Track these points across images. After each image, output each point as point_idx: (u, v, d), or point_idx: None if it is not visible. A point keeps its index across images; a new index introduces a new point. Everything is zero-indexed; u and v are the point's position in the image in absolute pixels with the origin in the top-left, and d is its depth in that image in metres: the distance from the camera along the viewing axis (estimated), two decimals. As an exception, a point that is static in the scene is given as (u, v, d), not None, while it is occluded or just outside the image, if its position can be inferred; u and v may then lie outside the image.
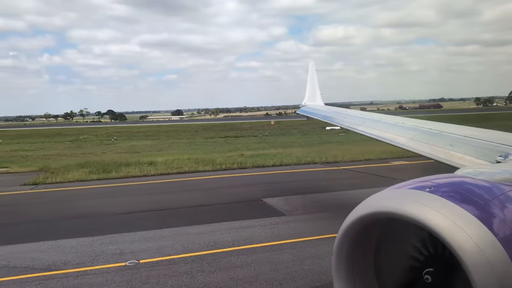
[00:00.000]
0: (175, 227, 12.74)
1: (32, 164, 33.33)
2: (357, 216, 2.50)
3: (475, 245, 2.07)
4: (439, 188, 2.40)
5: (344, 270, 2.63)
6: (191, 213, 14.60)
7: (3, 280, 9.17)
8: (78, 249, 11.13)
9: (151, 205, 16.01)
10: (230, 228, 12.48)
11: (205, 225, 12.93)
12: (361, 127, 9.48)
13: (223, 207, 15.39)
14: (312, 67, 17.90)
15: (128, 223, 13.47)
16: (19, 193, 20.12)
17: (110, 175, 24.24)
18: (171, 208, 15.49)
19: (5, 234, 12.84)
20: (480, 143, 5.48)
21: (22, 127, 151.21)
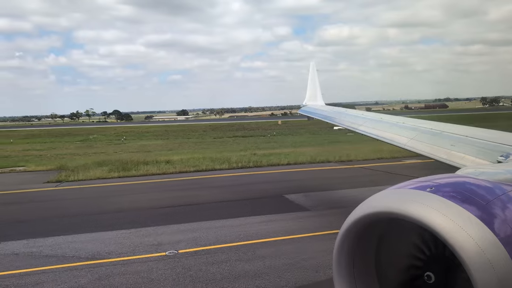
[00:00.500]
0: (205, 221, 13.38)
1: (48, 163, 34.11)
2: (358, 216, 2.51)
3: (476, 245, 2.08)
4: (440, 188, 2.41)
5: (345, 270, 2.64)
6: (218, 208, 15.25)
7: (55, 267, 9.85)
8: (117, 240, 11.81)
9: (179, 201, 16.68)
10: (259, 222, 13.12)
11: (234, 219, 13.58)
12: (362, 127, 9.48)
13: (248, 202, 16.03)
14: (313, 67, 18.08)
15: (160, 217, 14.13)
16: (46, 190, 20.87)
17: (130, 173, 24.96)
18: (199, 203, 16.14)
19: (46, 226, 13.54)
20: (481, 143, 5.48)
21: (30, 127, 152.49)
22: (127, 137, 71.84)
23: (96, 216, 14.77)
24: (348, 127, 10.51)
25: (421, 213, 2.22)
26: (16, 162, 35.08)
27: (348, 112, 12.37)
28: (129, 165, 27.20)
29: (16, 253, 11.01)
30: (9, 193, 20.38)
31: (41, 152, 48.27)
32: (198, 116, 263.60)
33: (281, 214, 13.93)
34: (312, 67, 18.02)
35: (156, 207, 15.83)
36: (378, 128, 8.80)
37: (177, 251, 10.68)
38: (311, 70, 17.97)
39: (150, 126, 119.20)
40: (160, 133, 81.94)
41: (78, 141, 67.39)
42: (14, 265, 10.11)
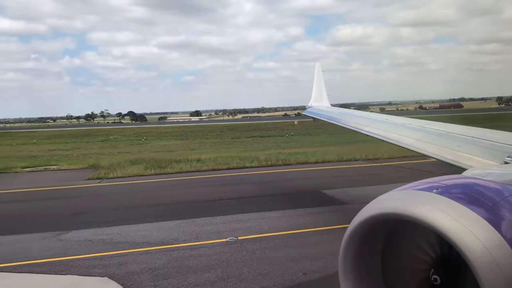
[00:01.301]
0: (254, 213, 14.41)
1: (78, 162, 35.53)
2: (364, 217, 2.51)
3: (483, 246, 2.07)
4: (447, 189, 2.41)
5: (351, 271, 2.65)
6: (262, 201, 16.26)
7: (131, 251, 10.98)
8: (179, 229, 12.90)
9: (223, 195, 17.75)
10: (304, 213, 14.10)
11: (280, 211, 14.58)
12: (367, 128, 9.42)
13: (289, 196, 17.04)
14: (318, 69, 18.19)
15: (210, 209, 15.20)
16: (92, 186, 22.15)
17: (165, 170, 26.14)
18: (243, 197, 17.19)
19: (106, 217, 14.71)
20: (488, 144, 5.46)
21: (47, 128, 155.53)
22: (147, 137, 73.40)
23: (148, 208, 15.89)
24: (353, 128, 10.37)
25: (427, 215, 2.22)
26: (46, 162, 36.47)
27: (354, 113, 12.46)
28: (163, 163, 28.43)
29: (90, 240, 12.18)
30: (59, 188, 21.71)
31: (67, 152, 49.67)
32: (212, 117, 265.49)
33: (324, 207, 14.89)
34: (317, 69, 18.20)
35: (204, 200, 16.92)
36: (384, 129, 8.76)
37: (237, 238, 11.72)
38: (317, 71, 18.14)
39: (168, 126, 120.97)
40: (178, 133, 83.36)
41: (99, 141, 69.03)
42: (93, 249, 11.26)
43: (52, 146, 60.13)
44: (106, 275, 9.41)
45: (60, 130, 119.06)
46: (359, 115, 11.50)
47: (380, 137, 8.50)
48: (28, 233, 13.04)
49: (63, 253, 11.09)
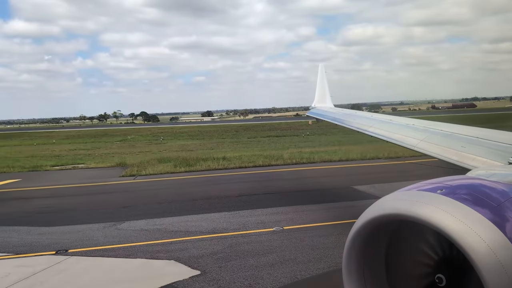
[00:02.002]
0: (293, 205, 15.33)
1: (104, 160, 36.75)
2: (368, 217, 2.52)
3: (487, 247, 2.08)
4: (451, 190, 2.42)
5: (355, 271, 2.66)
6: (297, 196, 17.18)
7: (188, 239, 11.98)
8: (225, 220, 13.87)
9: (257, 190, 18.71)
10: (341, 207, 14.99)
11: (317, 204, 15.49)
12: (371, 129, 9.44)
13: (321, 192, 17.92)
14: (321, 69, 18.31)
15: (250, 203, 16.14)
16: (128, 182, 23.30)
17: (194, 168, 27.22)
18: (276, 192, 18.14)
19: (153, 210, 15.75)
20: (492, 144, 5.46)
21: (61, 129, 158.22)
22: (164, 137, 74.82)
23: (189, 202, 16.88)
24: (357, 128, 10.38)
25: (431, 215, 2.23)
26: (71, 160, 37.64)
27: (357, 113, 12.50)
28: (190, 161, 29.51)
29: (145, 229, 13.21)
30: (98, 184, 22.90)
31: (88, 151, 50.93)
32: (223, 117, 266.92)
33: (358, 201, 15.75)
34: (320, 69, 18.32)
35: (240, 195, 17.87)
36: (387, 129, 8.75)
37: (282, 228, 12.65)
38: (320, 72, 18.24)
39: (183, 127, 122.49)
40: (194, 133, 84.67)
41: (117, 141, 70.52)
42: (151, 237, 12.28)
43: (72, 146, 61.69)
44: (172, 259, 10.40)
45: (76, 131, 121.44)
46: (362, 116, 11.50)
47: (384, 138, 8.50)
48: (88, 224, 14.12)
49: (124, 240, 12.14)
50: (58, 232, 13.24)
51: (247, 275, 9.12)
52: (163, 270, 9.75)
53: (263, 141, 57.25)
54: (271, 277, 8.95)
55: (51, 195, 20.27)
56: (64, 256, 10.95)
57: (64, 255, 10.99)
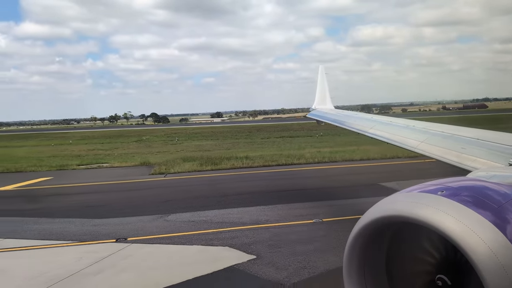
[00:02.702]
0: (327, 200, 16.23)
1: (126, 160, 37.82)
2: (369, 219, 2.54)
3: (488, 248, 2.09)
4: (452, 191, 2.43)
5: (356, 273, 2.67)
6: (329, 192, 18.08)
7: (234, 229, 12.93)
8: (265, 213, 14.81)
9: (286, 187, 19.67)
10: (372, 202, 15.68)
11: (350, 199, 16.38)
12: (371, 130, 9.45)
13: (350, 188, 18.80)
14: (321, 71, 18.32)
15: (283, 198, 17.07)
16: (160, 179, 24.37)
17: (220, 166, 28.19)
18: (305, 189, 19.07)
19: (192, 204, 16.74)
20: (492, 145, 5.45)
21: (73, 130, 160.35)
22: (178, 138, 76.04)
23: (226, 197, 17.84)
24: (357, 130, 10.37)
25: (432, 217, 2.24)
26: (93, 160, 38.60)
27: (357, 115, 12.59)
28: (215, 160, 30.51)
29: (193, 221, 14.21)
30: (132, 182, 24.04)
31: (107, 151, 51.90)
32: (233, 118, 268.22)
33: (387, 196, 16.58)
34: (321, 71, 18.39)
35: (271, 191, 18.84)
36: (388, 131, 8.77)
37: (322, 220, 13.56)
38: (320, 73, 18.26)
39: (196, 127, 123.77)
40: (207, 134, 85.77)
41: (133, 142, 71.78)
42: (200, 227, 13.27)
43: (89, 146, 62.81)
44: (226, 245, 11.37)
45: (91, 131, 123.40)
46: (363, 117, 11.52)
47: (385, 139, 8.51)
48: (136, 216, 15.15)
49: (176, 230, 13.14)
50: (111, 224, 14.29)
51: (299, 259, 10.05)
52: (221, 254, 10.73)
53: (277, 142, 58.08)
54: (322, 260, 9.88)
55: (90, 192, 21.41)
56: (125, 243, 11.99)
57: (124, 243, 12.03)
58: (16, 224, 14.80)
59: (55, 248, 11.98)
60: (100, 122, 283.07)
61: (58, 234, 13.26)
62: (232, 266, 9.82)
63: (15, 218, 15.80)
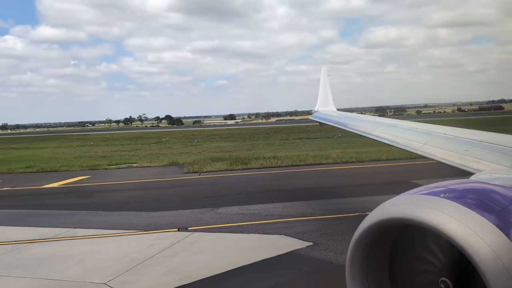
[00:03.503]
0: (367, 196, 17.06)
1: (153, 160, 38.95)
2: (372, 221, 2.55)
3: (491, 251, 2.09)
4: (455, 193, 2.44)
5: (358, 275, 2.68)
6: (367, 189, 18.90)
7: (283, 220, 14.00)
8: (309, 207, 15.83)
9: (321, 184, 20.70)
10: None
11: (387, 195, 17.02)
12: (374, 132, 9.44)
13: (387, 186, 19.59)
14: (324, 73, 18.39)
15: (322, 194, 18.09)
16: (197, 177, 25.58)
17: (250, 165, 29.27)
18: (343, 186, 20.07)
19: (236, 199, 17.84)
20: (496, 147, 5.44)
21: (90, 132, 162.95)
22: (197, 139, 77.42)
23: (265, 193, 18.90)
24: (360, 132, 10.43)
25: (435, 219, 2.25)
26: (121, 161, 39.75)
27: (360, 117, 12.65)
28: (244, 160, 31.60)
29: (242, 213, 15.30)
30: (170, 180, 25.30)
31: (130, 152, 52.88)
32: (246, 121, 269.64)
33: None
34: (323, 73, 18.46)
35: (308, 188, 19.85)
36: (390, 133, 8.74)
37: (365, 213, 14.49)
38: (322, 75, 18.30)
39: (212, 129, 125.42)
40: (225, 135, 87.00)
41: (153, 143, 73.25)
42: (251, 219, 14.33)
43: (111, 147, 64.16)
44: (281, 234, 12.43)
45: (110, 133, 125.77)
46: (365, 120, 11.59)
47: (387, 141, 8.54)
48: (188, 209, 16.29)
49: (230, 221, 14.25)
50: (167, 216, 15.47)
51: (354, 246, 11.03)
52: (279, 241, 11.79)
53: (296, 143, 58.95)
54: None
55: (134, 188, 22.69)
56: (187, 232, 13.13)
57: (187, 232, 13.17)
58: (78, 216, 16.07)
59: (124, 236, 13.18)
60: (115, 125, 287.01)
61: (122, 225, 14.47)
62: (294, 251, 10.87)
63: (74, 211, 17.09)
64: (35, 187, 24.82)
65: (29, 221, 15.54)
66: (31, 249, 12.05)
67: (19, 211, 17.79)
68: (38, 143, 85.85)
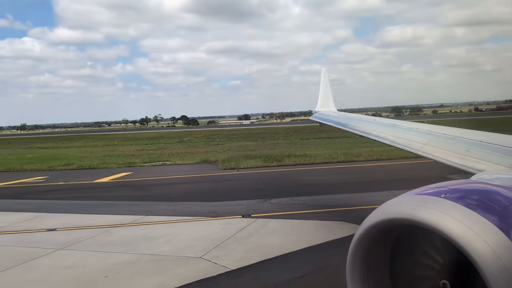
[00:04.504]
0: (407, 190, 18.38)
1: (183, 158, 40.34)
2: (373, 222, 2.60)
3: (492, 251, 2.11)
4: (455, 194, 2.46)
5: (359, 276, 2.71)
6: (406, 183, 20.13)
7: (338, 210, 15.36)
8: (354, 199, 17.15)
9: (363, 179, 21.96)
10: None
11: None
12: (375, 133, 9.51)
13: (426, 179, 20.49)
14: (324, 73, 18.56)
15: (363, 188, 19.37)
16: (236, 173, 27.12)
17: (283, 162, 30.68)
18: (383, 180, 21.34)
19: (284, 192, 19.21)
20: (496, 148, 5.43)
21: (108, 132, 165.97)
22: (218, 139, 79.03)
23: (308, 187, 20.24)
24: (360, 132, 10.49)
25: (435, 220, 2.27)
26: (152, 159, 40.74)
27: (360, 117, 12.77)
28: (277, 157, 33.00)
29: (294, 203, 16.73)
30: (210, 175, 26.91)
31: (156, 151, 53.94)
32: (260, 120, 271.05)
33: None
34: (323, 73, 18.64)
35: (350, 182, 21.20)
36: (391, 133, 8.81)
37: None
38: (323, 76, 18.47)
39: (231, 129, 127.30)
40: (245, 135, 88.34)
41: (175, 143, 74.83)
42: (305, 208, 15.74)
43: (136, 147, 65.27)
44: (339, 220, 13.80)
45: (131, 133, 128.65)
46: (366, 120, 11.62)
47: (388, 142, 8.61)
48: (242, 200, 17.77)
49: (285, 210, 15.69)
50: (226, 205, 16.97)
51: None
52: (340, 226, 13.15)
53: (318, 142, 60.14)
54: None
55: (181, 182, 24.35)
56: (251, 218, 14.58)
57: (251, 218, 14.63)
58: (145, 206, 17.67)
59: (196, 221, 14.71)
60: (132, 125, 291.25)
61: (188, 212, 16.02)
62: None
63: (137, 202, 18.73)
64: (87, 181, 26.64)
65: (102, 210, 17.21)
66: (118, 232, 13.67)
67: (86, 201, 19.53)
68: (63, 143, 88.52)
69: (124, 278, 9.55)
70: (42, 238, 13.26)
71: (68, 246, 12.12)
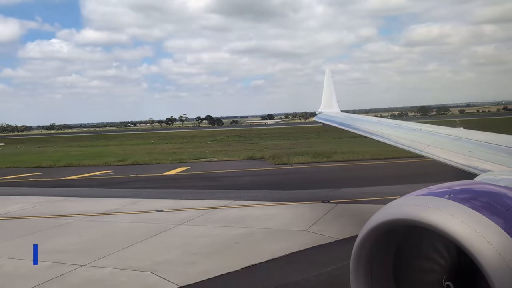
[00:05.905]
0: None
1: (230, 155, 42.01)
2: (376, 222, 2.61)
3: (496, 252, 2.12)
4: (459, 194, 2.49)
5: (363, 277, 2.73)
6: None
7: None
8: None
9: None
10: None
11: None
12: (379, 133, 9.51)
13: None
14: (328, 74, 18.60)
15: (426, 179, 21.19)
16: (291, 168, 29.31)
17: (333, 158, 32.57)
18: (437, 174, 23.05)
19: (346, 183, 21.24)
20: (501, 148, 5.46)
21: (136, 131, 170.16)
22: (251, 137, 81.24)
23: (369, 179, 22.12)
24: (364, 133, 10.52)
25: (439, 220, 2.29)
26: (197, 156, 42.56)
27: (364, 118, 12.89)
28: (325, 154, 34.93)
29: (364, 192, 18.63)
30: (269, 169, 29.17)
31: (196, 149, 55.84)
32: (284, 120, 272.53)
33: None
34: (327, 74, 18.73)
35: (407, 175, 22.99)
36: (395, 134, 8.82)
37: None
38: (326, 77, 18.54)
39: (261, 129, 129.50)
40: (276, 134, 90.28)
41: (209, 141, 77.08)
42: (374, 196, 17.69)
43: (173, 145, 67.13)
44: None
45: (164, 132, 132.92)
46: (370, 121, 11.66)
47: (391, 142, 8.59)
48: (314, 189, 19.91)
49: (358, 197, 17.72)
50: (302, 193, 19.09)
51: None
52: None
53: (352, 141, 61.12)
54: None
55: (246, 175, 26.70)
56: (331, 204, 16.65)
57: (329, 203, 16.71)
58: (229, 193, 19.87)
59: (280, 205, 16.88)
60: (158, 124, 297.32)
61: (271, 198, 18.12)
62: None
63: (218, 190, 21.08)
64: (156, 174, 29.26)
65: (191, 196, 19.60)
66: (219, 213, 15.96)
67: (169, 190, 22.00)
68: (100, 141, 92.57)
69: (252, 243, 11.84)
70: (157, 217, 15.67)
71: (185, 222, 14.47)
